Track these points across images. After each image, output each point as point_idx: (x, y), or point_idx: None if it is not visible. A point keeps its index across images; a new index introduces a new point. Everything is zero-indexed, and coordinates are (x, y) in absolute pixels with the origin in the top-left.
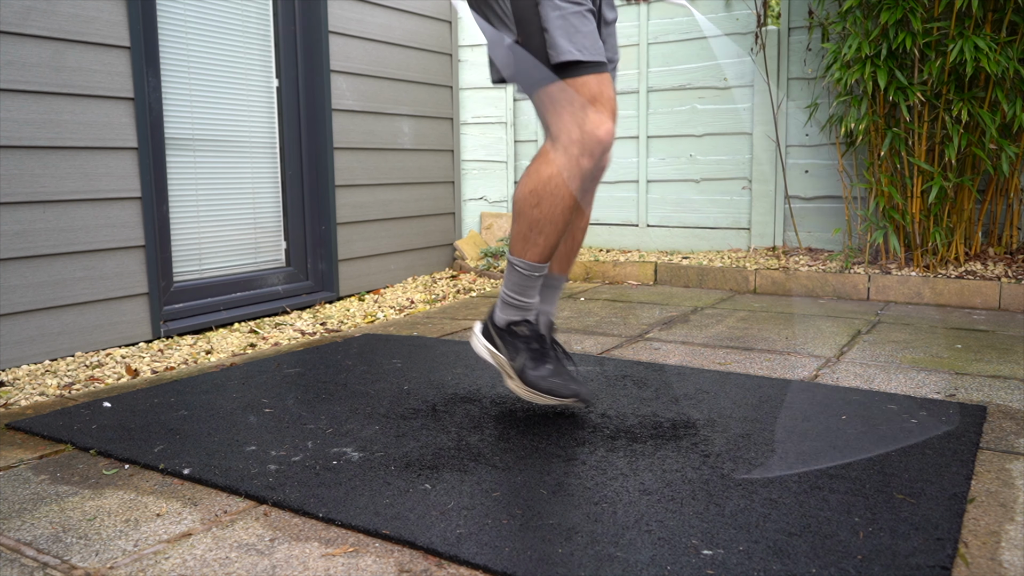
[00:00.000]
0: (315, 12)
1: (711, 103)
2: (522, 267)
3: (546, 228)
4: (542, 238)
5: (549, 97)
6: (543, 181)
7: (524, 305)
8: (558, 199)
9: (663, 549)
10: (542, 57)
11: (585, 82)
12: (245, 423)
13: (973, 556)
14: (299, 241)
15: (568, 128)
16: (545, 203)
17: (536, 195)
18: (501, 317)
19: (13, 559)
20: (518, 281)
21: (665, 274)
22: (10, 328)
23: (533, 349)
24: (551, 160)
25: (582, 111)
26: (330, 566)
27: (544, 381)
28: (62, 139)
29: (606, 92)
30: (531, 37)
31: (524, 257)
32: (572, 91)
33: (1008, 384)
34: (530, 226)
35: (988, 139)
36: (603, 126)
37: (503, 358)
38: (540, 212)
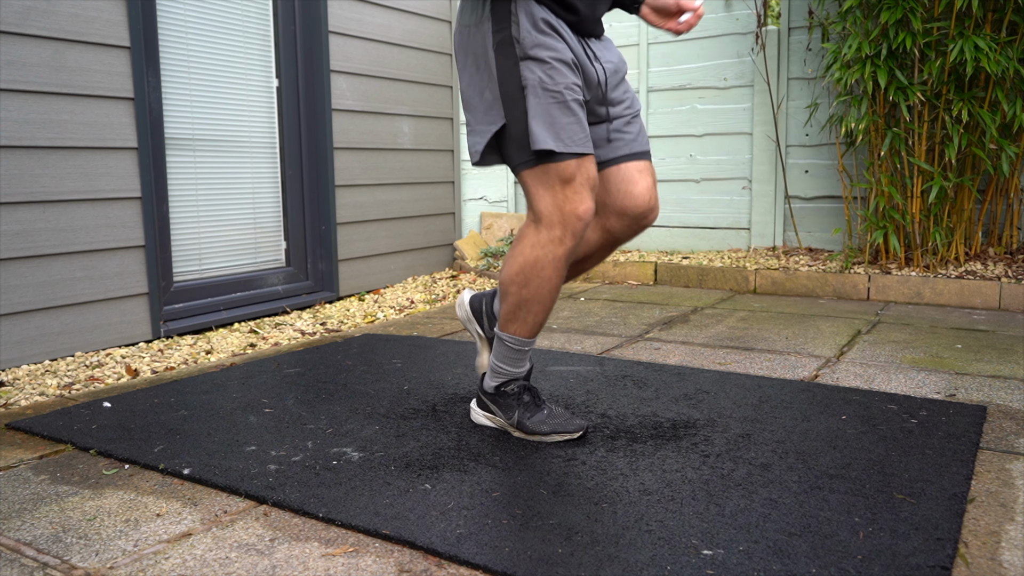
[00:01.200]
0: (315, 12)
1: (711, 103)
2: (512, 342)
3: (534, 307)
4: (531, 316)
5: (531, 177)
6: (529, 263)
7: (515, 373)
8: (544, 280)
9: (663, 549)
10: (525, 140)
11: (566, 167)
12: (245, 423)
13: (973, 556)
14: (299, 241)
15: (549, 209)
16: (532, 284)
17: (523, 275)
18: (490, 384)
19: (13, 559)
20: (507, 354)
21: (665, 274)
22: (10, 328)
23: (525, 402)
24: (535, 242)
25: (561, 192)
26: (330, 566)
27: (544, 425)
28: (62, 139)
29: (584, 171)
30: (516, 121)
31: (514, 334)
32: (554, 173)
33: (1008, 384)
34: (518, 305)
35: (988, 139)
36: (582, 205)
37: (501, 420)
38: (528, 292)
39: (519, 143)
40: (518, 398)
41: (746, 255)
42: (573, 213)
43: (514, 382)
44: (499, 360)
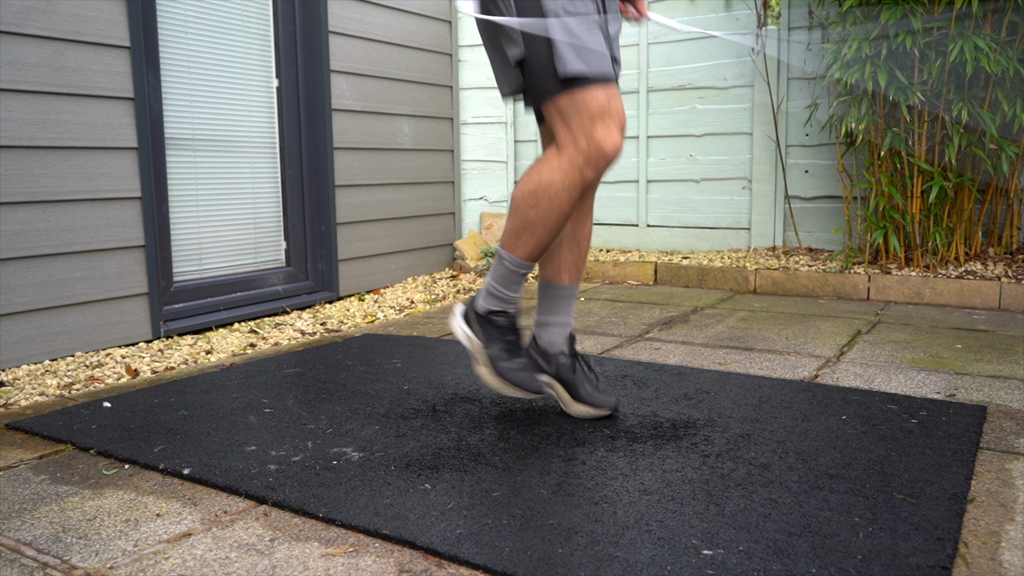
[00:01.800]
0: (315, 12)
1: (711, 103)
2: (509, 262)
3: (539, 230)
4: (534, 239)
5: (557, 108)
6: (544, 184)
7: (507, 298)
8: (555, 204)
9: (663, 549)
10: (549, 70)
11: (594, 94)
12: (245, 423)
13: (973, 556)
14: (299, 241)
15: (576, 138)
16: (542, 205)
17: (535, 196)
18: (482, 305)
19: (13, 559)
20: (504, 274)
21: (665, 274)
22: (10, 328)
23: (508, 340)
24: (555, 166)
25: (590, 123)
26: (330, 566)
27: (514, 373)
28: (62, 139)
29: (615, 105)
30: (538, 51)
31: (513, 253)
32: (580, 103)
33: (1008, 384)
34: (524, 224)
35: (988, 139)
36: (610, 139)
37: (478, 343)
38: (536, 213)
39: (542, 72)
40: (503, 333)
41: (746, 255)
42: (600, 146)
43: (506, 314)
44: (495, 280)
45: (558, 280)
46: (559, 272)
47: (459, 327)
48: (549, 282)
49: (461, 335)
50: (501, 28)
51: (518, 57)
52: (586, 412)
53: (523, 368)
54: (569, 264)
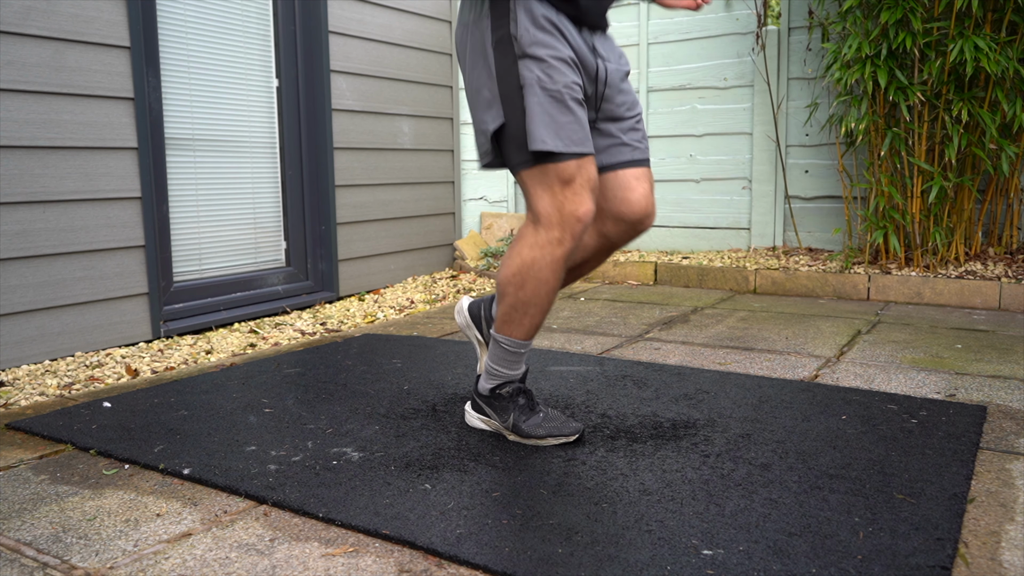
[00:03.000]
0: (315, 12)
1: (711, 103)
2: (507, 344)
3: (531, 309)
4: (527, 319)
5: (530, 178)
6: (527, 264)
7: (511, 375)
8: (542, 282)
9: (663, 549)
10: (524, 140)
11: (565, 167)
12: (245, 423)
13: (973, 556)
14: (299, 241)
15: (548, 210)
16: (529, 286)
17: (520, 277)
18: (485, 387)
19: (13, 559)
20: (504, 356)
21: (665, 274)
22: (10, 328)
23: (520, 405)
24: (532, 243)
25: (561, 194)
26: (330, 566)
27: (540, 428)
28: (62, 139)
29: (584, 172)
30: (515, 119)
31: (511, 336)
32: (552, 175)
33: (1008, 384)
34: (514, 307)
35: (988, 139)
36: (582, 207)
37: (496, 423)
38: (525, 294)
39: (517, 143)
40: (513, 401)
41: (746, 255)
42: (573, 215)
43: (509, 384)
44: (494, 362)
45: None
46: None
47: (474, 418)
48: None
49: (479, 424)
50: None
51: (497, 126)
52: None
53: (546, 420)
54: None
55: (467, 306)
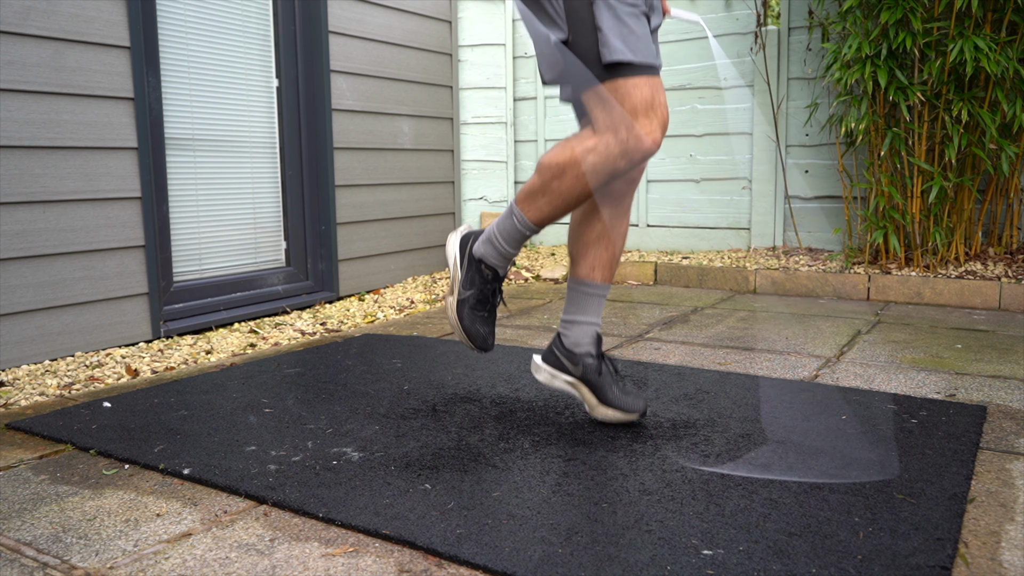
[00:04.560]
0: (315, 12)
1: (711, 103)
2: (518, 219)
3: (555, 200)
4: (549, 207)
5: (599, 96)
6: (574, 160)
7: (504, 252)
8: (580, 183)
9: (663, 549)
10: (594, 56)
11: (638, 84)
12: (245, 423)
13: (973, 556)
14: (299, 241)
15: (616, 127)
16: (567, 179)
17: (562, 168)
18: (479, 248)
19: (13, 559)
20: (509, 228)
21: (665, 274)
22: (10, 328)
23: (484, 295)
24: (590, 146)
25: (633, 114)
26: (330, 566)
27: (472, 324)
28: (62, 139)
29: (659, 99)
30: (583, 36)
31: (524, 212)
32: (624, 92)
33: (1008, 384)
34: (543, 190)
35: (988, 139)
36: (651, 135)
37: (459, 277)
38: (558, 184)
39: (586, 58)
40: (484, 284)
41: (746, 255)
42: (640, 139)
43: (494, 272)
44: (499, 230)
45: (590, 278)
46: (592, 270)
47: (453, 246)
48: (580, 280)
49: (449, 253)
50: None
51: (561, 39)
52: (614, 416)
53: (484, 323)
54: (603, 262)
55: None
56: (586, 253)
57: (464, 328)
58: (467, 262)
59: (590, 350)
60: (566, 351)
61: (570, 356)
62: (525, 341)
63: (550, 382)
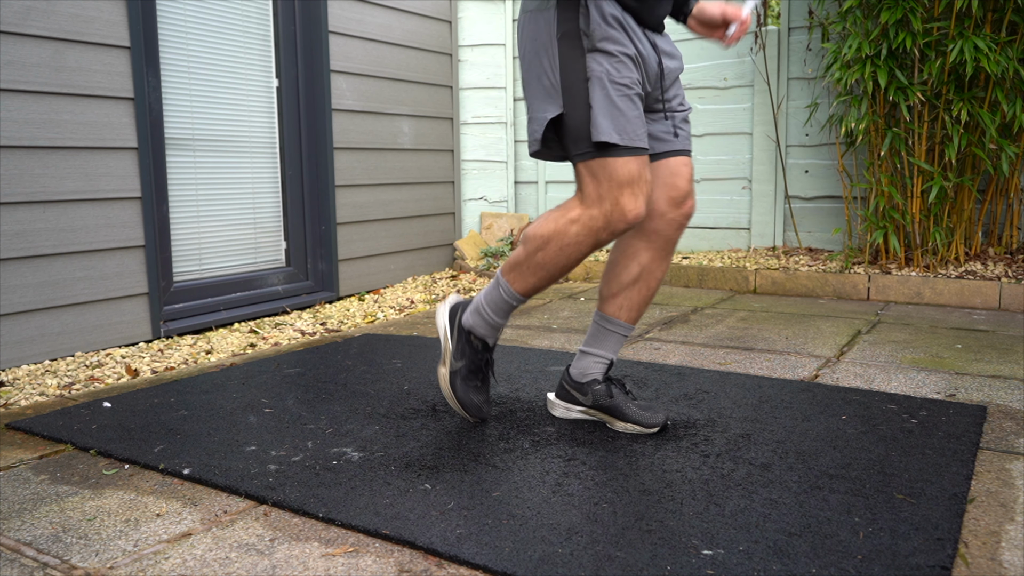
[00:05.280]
0: (315, 12)
1: (711, 103)
2: (504, 290)
3: (540, 272)
4: (533, 278)
5: (588, 169)
6: (557, 233)
7: (492, 323)
8: (563, 254)
9: (663, 549)
10: (585, 132)
11: (626, 163)
12: (245, 423)
13: (973, 556)
14: (299, 241)
15: (602, 199)
16: (551, 250)
17: (545, 240)
18: (468, 320)
19: (13, 559)
20: (496, 300)
21: (665, 274)
22: (10, 328)
23: (475, 365)
24: (574, 218)
25: (618, 189)
26: (330, 566)
27: (466, 395)
28: (62, 139)
29: (643, 175)
30: (576, 110)
31: (511, 283)
32: (611, 169)
33: (1008, 384)
34: (527, 261)
35: (988, 139)
36: (634, 210)
37: (450, 348)
38: (542, 256)
39: (577, 134)
40: (475, 356)
41: (746, 255)
42: (624, 212)
43: (484, 343)
44: (486, 300)
45: (618, 316)
46: (620, 309)
47: (442, 319)
48: (607, 316)
49: (440, 326)
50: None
51: (555, 115)
52: (634, 430)
53: (476, 392)
54: (634, 303)
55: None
56: (620, 292)
57: (458, 399)
58: (456, 333)
59: (596, 377)
60: (573, 382)
61: (578, 387)
62: (525, 341)
63: (567, 415)
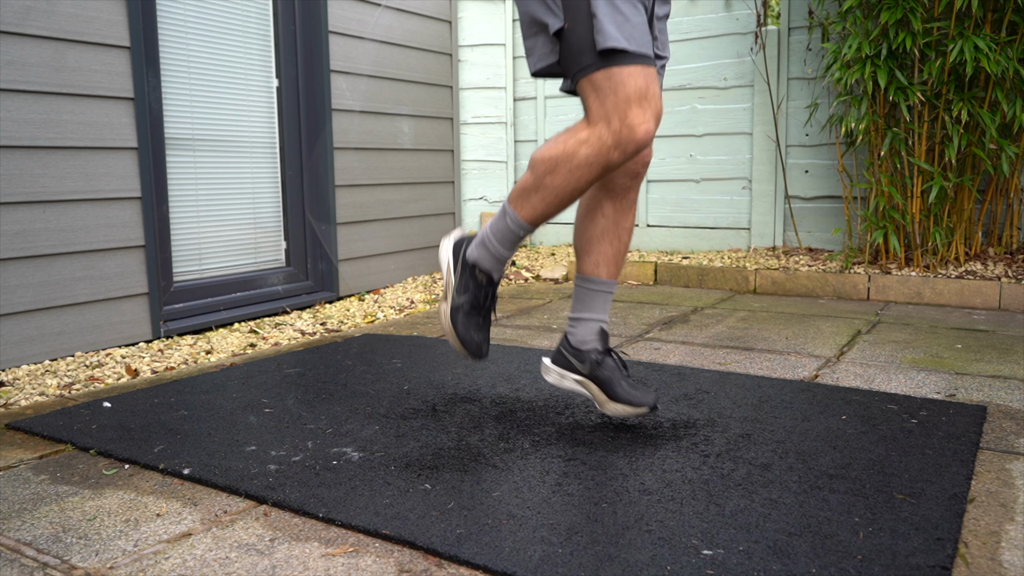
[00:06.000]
0: (315, 12)
1: (711, 103)
2: (511, 219)
3: (549, 197)
4: (542, 204)
5: (592, 84)
6: (566, 154)
7: (498, 255)
8: (573, 177)
9: (663, 549)
10: (588, 43)
11: (632, 73)
12: (245, 423)
13: (973, 556)
14: (299, 241)
15: (609, 117)
16: (559, 174)
17: (554, 162)
18: (472, 253)
19: (13, 559)
20: (502, 229)
21: (665, 274)
22: (10, 328)
23: (478, 300)
24: (582, 139)
25: (626, 103)
26: (330, 566)
27: (467, 331)
28: (62, 139)
29: (652, 89)
30: (578, 22)
31: (517, 211)
32: (618, 80)
33: (1008, 384)
34: (536, 187)
35: (988, 139)
36: (644, 125)
37: (452, 283)
38: (551, 180)
39: (580, 46)
40: (479, 290)
41: (746, 255)
42: (633, 129)
43: (488, 277)
44: (492, 232)
45: (595, 274)
46: (597, 266)
47: (446, 252)
48: (586, 276)
49: (443, 259)
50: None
51: (557, 28)
52: (624, 411)
53: (478, 329)
54: (608, 258)
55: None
56: (591, 249)
57: (458, 335)
58: (460, 267)
59: (596, 347)
60: (573, 349)
61: (577, 354)
62: (525, 341)
63: (559, 383)
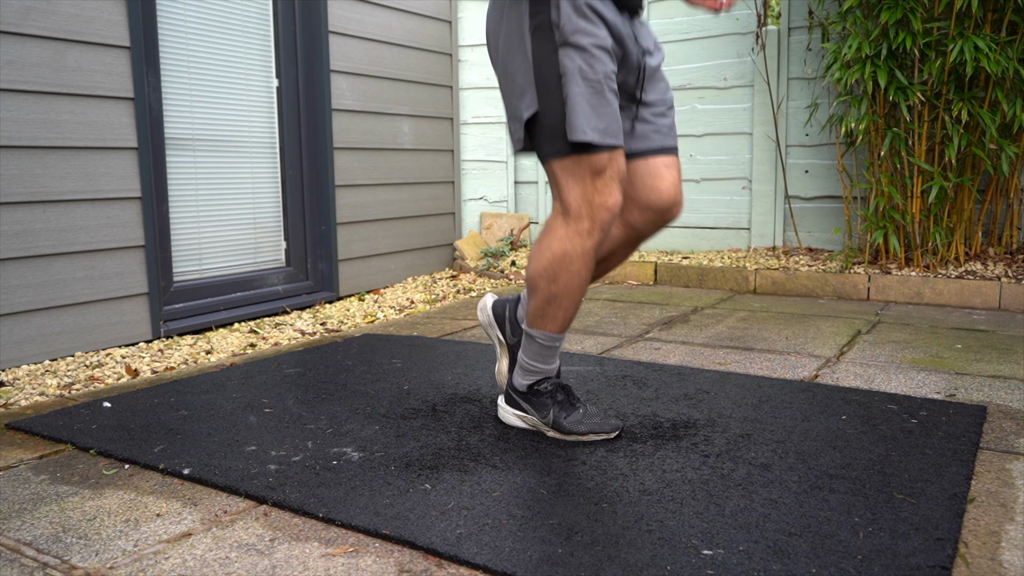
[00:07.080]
0: (315, 12)
1: (711, 103)
2: (543, 339)
3: (564, 302)
4: (561, 311)
5: (561, 168)
6: (558, 257)
7: (547, 370)
8: (574, 274)
9: (663, 549)
10: (560, 130)
11: (599, 159)
12: (245, 423)
13: (973, 556)
14: (299, 241)
15: (579, 201)
16: (562, 279)
17: (552, 270)
18: (520, 382)
19: (13, 559)
20: (538, 351)
21: (665, 274)
22: (10, 328)
23: (560, 401)
24: (563, 236)
25: (593, 189)
26: (330, 566)
27: (581, 425)
28: (62, 139)
29: (615, 165)
30: (551, 108)
31: (544, 330)
32: (585, 166)
33: (1008, 384)
34: (548, 300)
35: (988, 139)
36: (611, 198)
37: (534, 419)
38: (558, 287)
39: (551, 132)
40: (552, 397)
41: (746, 255)
42: (603, 205)
43: (547, 380)
44: (530, 358)
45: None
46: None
47: (509, 414)
48: None
49: (514, 420)
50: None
51: (530, 115)
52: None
53: (588, 416)
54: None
55: (491, 304)
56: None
57: (584, 432)
58: (522, 401)
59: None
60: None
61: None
62: None
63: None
